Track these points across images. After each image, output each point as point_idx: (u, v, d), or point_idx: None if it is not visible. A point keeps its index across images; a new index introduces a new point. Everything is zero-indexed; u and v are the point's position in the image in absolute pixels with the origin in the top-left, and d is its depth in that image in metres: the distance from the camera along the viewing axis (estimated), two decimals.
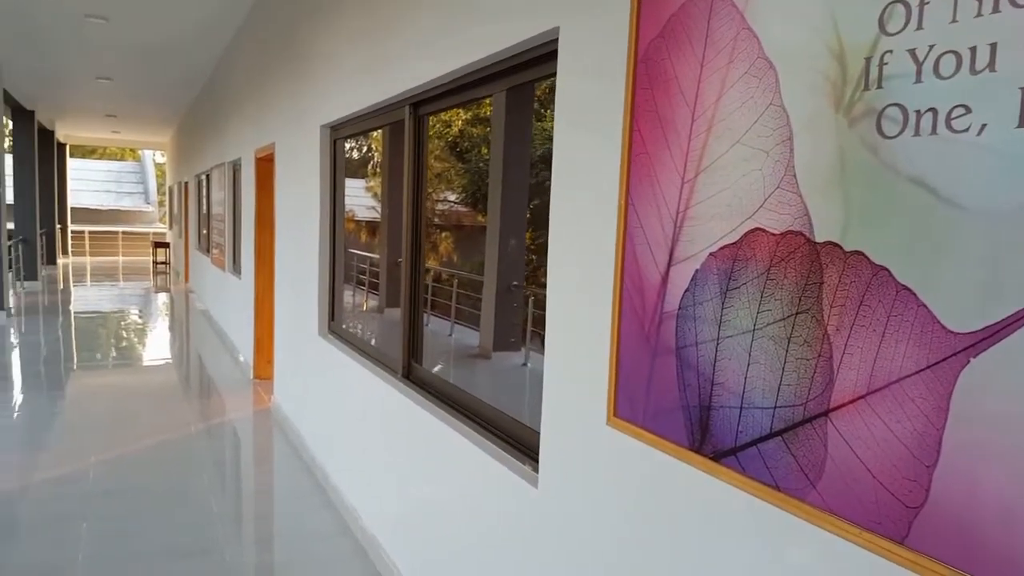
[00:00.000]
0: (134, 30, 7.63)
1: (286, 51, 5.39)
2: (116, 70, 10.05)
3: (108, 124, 16.87)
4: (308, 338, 4.88)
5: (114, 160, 33.66)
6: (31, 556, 3.55)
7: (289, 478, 4.74)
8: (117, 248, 22.78)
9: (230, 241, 8.52)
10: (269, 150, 6.03)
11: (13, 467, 4.79)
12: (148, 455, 5.08)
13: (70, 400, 6.64)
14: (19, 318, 10.47)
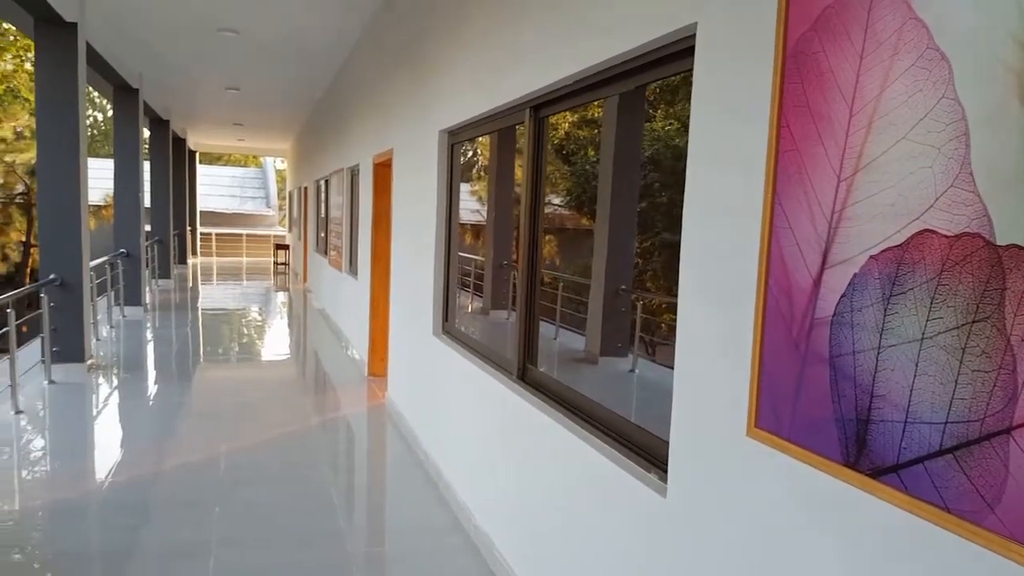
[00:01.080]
0: (261, 42, 8.06)
1: (406, 59, 5.55)
2: (244, 80, 10.66)
3: (234, 132, 17.92)
4: (422, 337, 4.99)
5: (238, 166, 35.79)
6: (169, 537, 3.80)
7: (402, 473, 4.86)
8: (241, 249, 24.17)
9: (347, 243, 8.85)
10: (387, 155, 6.23)
11: (151, 453, 5.15)
12: (272, 446, 5.33)
13: (198, 391, 7.08)
14: (154, 313, 11.27)
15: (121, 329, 9.65)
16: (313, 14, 6.93)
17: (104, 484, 4.56)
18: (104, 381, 7.02)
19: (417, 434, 5.12)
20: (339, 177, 9.65)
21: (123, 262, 10.31)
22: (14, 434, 5.33)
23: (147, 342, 9.25)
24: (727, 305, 1.71)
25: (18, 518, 3.96)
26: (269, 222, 28.11)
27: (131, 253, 10.50)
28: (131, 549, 3.67)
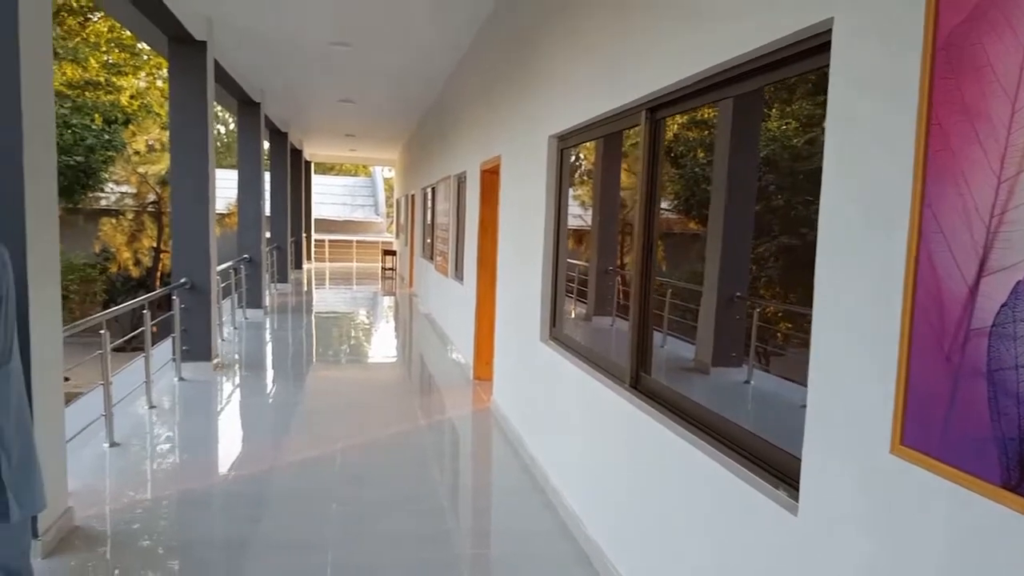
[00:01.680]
0: (373, 55, 8.34)
1: (515, 66, 5.60)
2: (357, 93, 11.07)
3: (347, 143, 18.66)
4: (529, 342, 5.02)
5: (349, 176, 37.28)
6: (288, 531, 3.97)
7: (509, 476, 4.89)
8: (351, 255, 25.14)
9: (453, 249, 9.03)
10: (495, 162, 6.31)
11: (270, 448, 5.42)
12: (383, 445, 5.50)
13: (312, 390, 7.40)
14: (272, 315, 11.86)
15: (243, 330, 10.20)
16: (424, 27, 7.11)
17: (227, 476, 4.83)
18: (228, 379, 7.43)
19: (523, 438, 5.14)
20: (446, 184, 9.86)
21: (246, 267, 10.91)
22: (147, 427, 5.72)
23: (266, 343, 9.74)
24: (869, 315, 1.62)
25: (149, 507, 4.24)
26: (377, 229, 29.11)
27: (253, 258, 11.08)
28: (251, 539, 3.87)
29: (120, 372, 6.45)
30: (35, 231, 3.37)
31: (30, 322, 3.30)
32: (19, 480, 3.02)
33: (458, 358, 8.26)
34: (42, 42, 3.46)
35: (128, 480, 4.64)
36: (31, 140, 3.32)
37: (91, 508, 4.06)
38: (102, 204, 22.15)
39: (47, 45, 3.54)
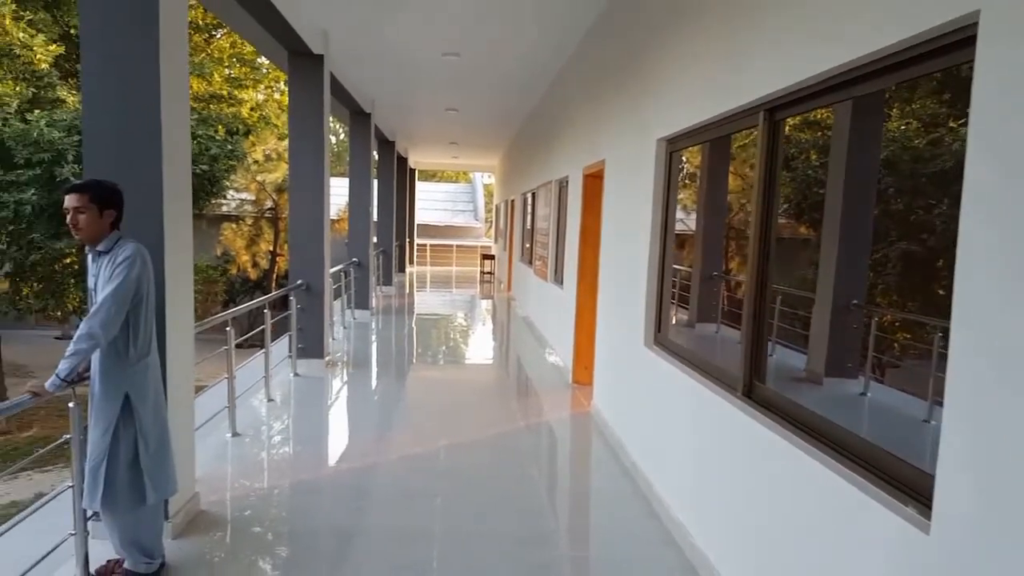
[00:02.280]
0: (481, 64, 8.49)
1: (622, 69, 5.57)
2: (462, 101, 11.30)
3: (450, 150, 19.06)
4: (632, 347, 4.97)
5: (449, 182, 38.09)
6: (394, 523, 4.09)
7: (610, 481, 4.85)
8: (451, 259, 25.64)
9: (553, 253, 9.06)
10: (598, 167, 6.29)
11: (377, 442, 5.61)
12: (485, 444, 5.58)
13: (416, 388, 7.60)
14: (377, 316, 12.25)
15: (351, 330, 10.58)
16: (531, 33, 7.19)
17: (336, 468, 5.04)
18: (338, 376, 7.73)
19: (625, 444, 5.09)
20: (547, 189, 9.91)
21: (355, 270, 11.32)
22: (266, 419, 6.03)
23: (372, 342, 10.07)
24: (1018, 328, 1.51)
25: (265, 495, 4.47)
26: (477, 234, 29.56)
27: (361, 262, 11.49)
28: (359, 529, 4.01)
29: (241, 367, 6.83)
30: (172, 236, 3.63)
31: (166, 319, 3.54)
32: (155, 465, 3.26)
33: (556, 361, 8.27)
34: (179, 62, 3.72)
35: (247, 469, 4.91)
36: (170, 156, 3.59)
37: (214, 494, 4.32)
38: (223, 210, 23.50)
39: (183, 65, 3.80)
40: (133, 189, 3.28)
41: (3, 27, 14.15)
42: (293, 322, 7.44)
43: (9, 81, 14.47)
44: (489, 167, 25.00)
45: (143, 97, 3.48)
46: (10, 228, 14.78)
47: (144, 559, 3.30)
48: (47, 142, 13.62)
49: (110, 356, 3.11)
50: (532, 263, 11.53)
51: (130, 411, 3.16)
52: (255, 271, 25.40)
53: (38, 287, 16.81)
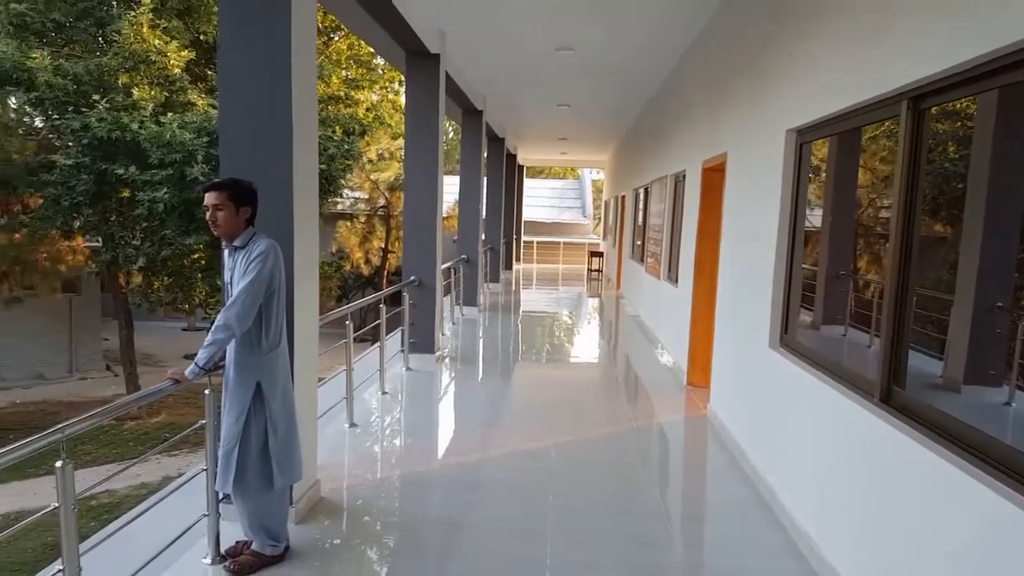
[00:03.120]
0: (596, 58, 8.39)
1: (746, 60, 5.35)
2: (574, 96, 11.23)
3: (559, 146, 19.02)
4: (754, 349, 4.76)
5: (557, 179, 38.06)
6: (505, 519, 4.09)
7: (728, 488, 4.67)
8: (558, 257, 25.60)
9: (667, 250, 8.84)
10: (719, 160, 6.07)
11: (486, 437, 5.65)
12: (595, 444, 5.51)
13: (524, 385, 7.61)
14: (484, 313, 12.37)
15: (460, 326, 10.74)
16: (648, 26, 7.03)
17: (447, 461, 5.10)
18: (448, 371, 7.85)
19: (744, 449, 4.88)
20: (661, 184, 9.68)
21: (464, 267, 11.47)
22: (380, 412, 6.19)
23: (480, 339, 10.17)
24: None
25: (379, 484, 4.58)
26: (584, 230, 29.38)
27: (470, 259, 11.63)
28: (469, 522, 4.04)
29: (357, 361, 7.05)
30: (300, 232, 3.77)
31: (294, 311, 3.68)
32: (282, 452, 3.39)
33: (670, 362, 8.06)
34: (308, 67, 3.86)
35: (363, 459, 5.05)
36: (299, 156, 3.73)
37: (333, 482, 4.46)
38: (338, 208, 24.45)
39: (312, 70, 3.94)
40: (266, 188, 3.42)
41: (141, 35, 15.22)
42: (406, 317, 7.60)
43: (145, 86, 15.56)
44: (598, 163, 24.79)
45: (276, 100, 3.63)
46: (144, 225, 15.93)
47: (270, 542, 3.44)
48: (179, 143, 14.56)
49: (244, 346, 3.26)
50: (644, 261, 11.31)
51: (261, 399, 3.29)
52: (367, 267, 26.31)
53: (168, 281, 18.06)
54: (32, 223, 16.33)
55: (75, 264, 18.39)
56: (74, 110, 14.81)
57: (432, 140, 7.66)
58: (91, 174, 14.98)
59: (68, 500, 2.42)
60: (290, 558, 3.49)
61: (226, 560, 3.39)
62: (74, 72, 14.80)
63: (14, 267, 17.10)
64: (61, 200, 15.33)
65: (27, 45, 15.08)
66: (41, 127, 16.68)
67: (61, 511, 2.43)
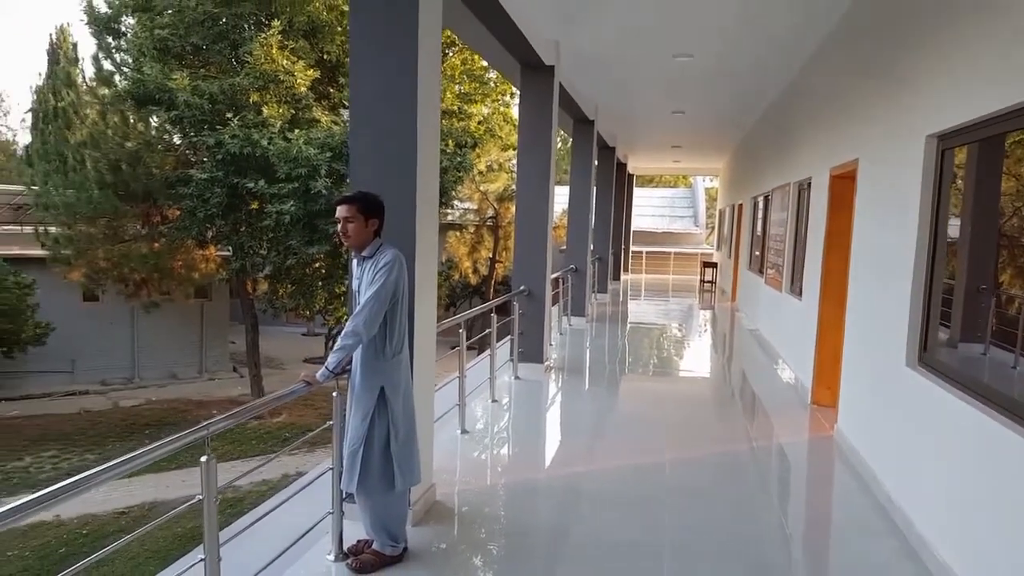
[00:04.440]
0: (714, 63, 8.17)
1: (880, 62, 5.08)
2: (689, 103, 10.99)
3: (671, 154, 18.69)
4: (890, 367, 4.46)
5: (667, 187, 37.38)
6: (617, 533, 4.01)
7: (857, 514, 4.39)
8: (668, 267, 25.12)
9: (790, 261, 8.48)
10: (848, 167, 5.77)
11: (595, 449, 5.60)
12: (711, 462, 5.33)
13: (633, 398, 7.48)
14: (592, 323, 12.26)
15: (567, 336, 10.70)
16: (771, 30, 6.80)
17: (557, 471, 5.08)
18: (556, 381, 7.83)
19: (877, 475, 4.58)
20: (783, 192, 9.31)
21: (572, 277, 11.44)
22: (490, 419, 6.24)
23: (588, 349, 10.09)
24: None
25: (489, 491, 4.61)
26: (696, 240, 28.68)
27: (579, 269, 11.59)
28: (583, 535, 4.00)
29: (468, 369, 7.15)
30: (421, 243, 3.88)
31: (414, 319, 3.76)
32: (403, 454, 3.47)
33: (791, 379, 7.71)
34: (432, 86, 3.97)
35: (474, 465, 5.11)
36: (422, 171, 3.83)
37: (446, 487, 4.53)
38: (448, 219, 25.01)
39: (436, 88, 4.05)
40: (391, 201, 3.52)
41: (271, 56, 16.15)
42: (515, 327, 7.64)
43: (274, 104, 16.48)
44: (713, 170, 24.18)
45: (401, 117, 3.76)
46: (270, 235, 16.86)
47: (390, 542, 3.53)
48: (304, 158, 15.33)
49: (369, 352, 3.37)
50: (763, 272, 10.89)
51: (384, 403, 3.39)
52: (475, 277, 26.75)
53: (291, 288, 19.01)
54: (170, 233, 17.61)
55: (208, 272, 19.67)
56: (209, 127, 15.90)
57: (544, 151, 7.69)
58: (224, 187, 16.02)
59: (211, 493, 2.57)
60: (408, 559, 3.56)
61: (348, 558, 3.50)
62: (210, 92, 15.88)
63: (153, 274, 18.44)
64: (196, 212, 16.46)
65: (168, 67, 16.32)
66: (179, 143, 17.97)
67: (204, 503, 2.57)
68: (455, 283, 26.77)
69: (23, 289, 18.03)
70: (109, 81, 17.87)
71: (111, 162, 16.73)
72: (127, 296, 19.28)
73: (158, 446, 2.44)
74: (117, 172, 16.77)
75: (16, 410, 18.78)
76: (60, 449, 16.10)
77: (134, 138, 17.04)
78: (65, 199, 16.98)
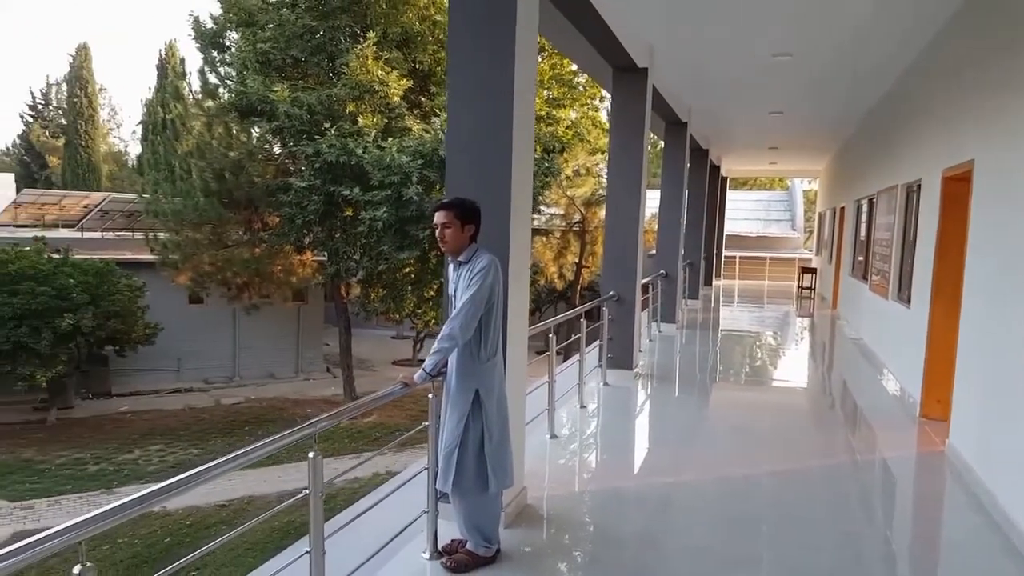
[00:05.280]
0: (816, 62, 7.87)
1: (996, 54, 4.77)
2: (788, 103, 10.62)
3: (767, 156, 18.12)
4: (1013, 379, 4.18)
5: (763, 190, 36.25)
6: (715, 547, 3.91)
7: (972, 535, 4.15)
8: (762, 273, 24.32)
9: (896, 267, 8.06)
10: (963, 168, 5.45)
11: (687, 460, 5.47)
12: (811, 476, 5.14)
13: (725, 408, 7.30)
14: (682, 330, 12.01)
15: (656, 343, 10.52)
16: (878, 27, 6.51)
17: (648, 480, 5.01)
18: (645, 388, 7.71)
19: (995, 495, 4.29)
20: (889, 195, 8.87)
21: (662, 282, 11.25)
22: (578, 425, 6.20)
23: (678, 357, 9.90)
24: None
25: (577, 497, 4.59)
26: (793, 245, 27.66)
27: (669, 274, 11.39)
28: (677, 546, 3.93)
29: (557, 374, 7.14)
30: (514, 248, 3.90)
31: (507, 323, 3.79)
32: (497, 457, 3.49)
33: (898, 392, 7.32)
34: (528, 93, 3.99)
35: (562, 470, 5.10)
36: (517, 178, 3.86)
37: (536, 491, 4.53)
38: (534, 224, 25.06)
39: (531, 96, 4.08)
40: (486, 206, 3.56)
41: (366, 67, 16.65)
42: (604, 332, 7.57)
43: (369, 114, 16.98)
44: (812, 172, 23.30)
45: (497, 125, 3.80)
46: (363, 241, 17.38)
47: (484, 543, 3.56)
48: (397, 166, 15.73)
49: (465, 355, 3.41)
50: (867, 278, 10.39)
51: (479, 405, 3.43)
52: (560, 282, 26.69)
53: (383, 292, 19.52)
54: (270, 239, 18.43)
55: (304, 276, 20.46)
56: (307, 137, 16.55)
57: (636, 155, 7.61)
58: (321, 195, 16.63)
59: (317, 488, 2.66)
60: (500, 560, 3.58)
61: (443, 556, 3.55)
62: (308, 103, 16.54)
63: (254, 278, 19.32)
64: (295, 218, 17.16)
65: (269, 80, 17.09)
66: (279, 153, 18.79)
67: (311, 497, 2.67)
68: (540, 288, 26.79)
69: (134, 291, 19.18)
70: (214, 94, 18.86)
71: (216, 171, 17.65)
72: (229, 299, 20.25)
73: (270, 441, 2.55)
74: (221, 181, 17.67)
75: (126, 406, 20.01)
76: (166, 443, 17.06)
77: (237, 148, 17.92)
78: (173, 206, 18.04)
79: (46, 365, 16.78)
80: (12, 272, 17.00)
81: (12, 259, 17.51)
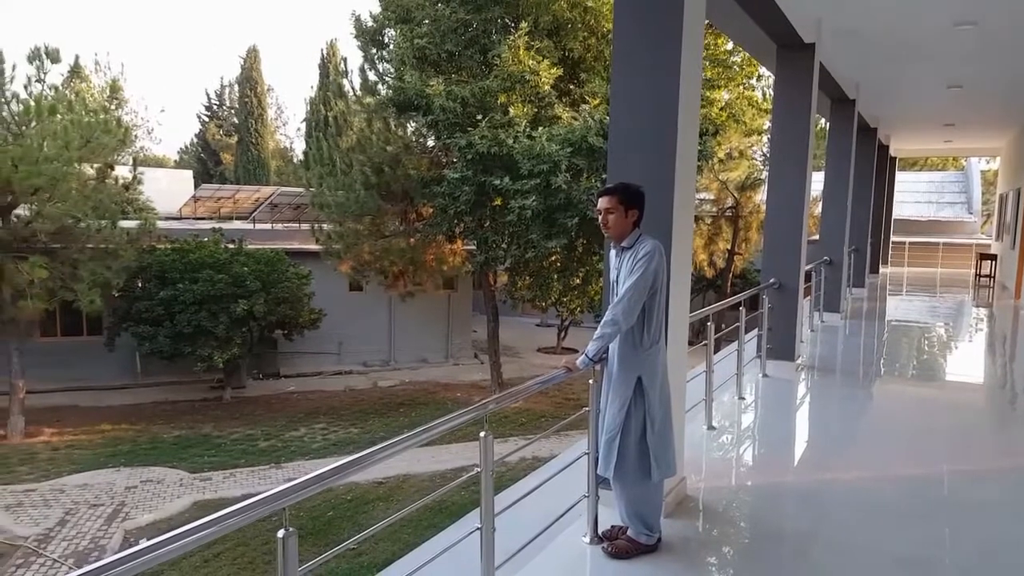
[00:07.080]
0: (1005, 30, 7.12)
1: None
2: (970, 76, 9.69)
3: (942, 134, 16.62)
4: None
5: (935, 170, 33.27)
6: (889, 547, 3.70)
7: None
8: (935, 259, 22.36)
9: None
10: None
11: (853, 456, 5.21)
12: (999, 475, 4.83)
13: (896, 404, 6.84)
14: (846, 320, 11.30)
15: (819, 333, 9.98)
16: None
17: (810, 476, 4.82)
18: (807, 381, 7.34)
19: None
20: None
21: (826, 269, 10.64)
22: (737, 417, 6.03)
23: (842, 348, 9.34)
24: None
25: (736, 490, 4.47)
26: (969, 230, 25.22)
27: (833, 261, 10.74)
28: (839, 542, 3.77)
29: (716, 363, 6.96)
30: (677, 233, 3.84)
31: (668, 308, 3.74)
32: (659, 445, 3.47)
33: None
34: (694, 75, 3.89)
35: (720, 462, 5.00)
36: (681, 161, 3.81)
37: (694, 482, 4.46)
38: None
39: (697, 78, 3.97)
40: (650, 192, 3.53)
41: (517, 57, 16.85)
42: (764, 322, 7.28)
43: (519, 104, 17.19)
44: (992, 150, 21.11)
45: (663, 107, 3.76)
46: (511, 230, 17.66)
47: (645, 531, 3.55)
48: (546, 155, 15.84)
49: (627, 341, 3.42)
50: None
51: (641, 392, 3.42)
52: (711, 270, 25.86)
53: (529, 280, 19.78)
54: (424, 229, 19.17)
55: (455, 265, 21.14)
56: (460, 130, 17.03)
57: (802, 136, 7.24)
58: (472, 185, 17.08)
59: (488, 466, 2.78)
60: (661, 550, 3.57)
61: (603, 542, 3.59)
62: (462, 96, 17.00)
63: (409, 267, 20.20)
64: (447, 209, 17.74)
65: (426, 75, 17.72)
66: (432, 146, 19.46)
67: (482, 475, 2.79)
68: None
69: (301, 279, 20.61)
70: (373, 90, 19.82)
71: (375, 165, 18.56)
72: (386, 287, 21.31)
73: (444, 420, 2.69)
74: (380, 174, 18.57)
75: (293, 386, 21.58)
76: (329, 422, 18.20)
77: (394, 142, 18.76)
78: (336, 199, 19.17)
79: (223, 347, 18.32)
80: (193, 261, 18.79)
81: (193, 249, 19.37)
